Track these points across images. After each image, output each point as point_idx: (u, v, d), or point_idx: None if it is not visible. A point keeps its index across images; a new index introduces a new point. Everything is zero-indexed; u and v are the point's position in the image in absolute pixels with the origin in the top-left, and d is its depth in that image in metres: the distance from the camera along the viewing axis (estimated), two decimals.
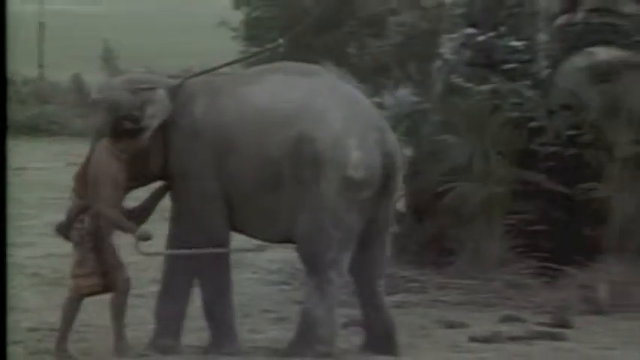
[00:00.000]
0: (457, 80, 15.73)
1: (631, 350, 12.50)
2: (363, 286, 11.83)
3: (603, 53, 15.48)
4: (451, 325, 12.95)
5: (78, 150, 13.89)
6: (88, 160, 11.65)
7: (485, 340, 12.32)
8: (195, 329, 11.79)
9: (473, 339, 12.26)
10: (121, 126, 11.69)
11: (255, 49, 32.97)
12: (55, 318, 12.20)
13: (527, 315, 13.67)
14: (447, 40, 16.89)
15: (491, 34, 16.20)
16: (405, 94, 16.67)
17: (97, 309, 11.91)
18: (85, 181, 11.57)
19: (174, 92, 12.07)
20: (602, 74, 15.36)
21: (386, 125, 12.18)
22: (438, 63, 16.65)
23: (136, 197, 11.76)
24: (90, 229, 11.52)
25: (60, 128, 34.23)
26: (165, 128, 11.83)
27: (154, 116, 11.78)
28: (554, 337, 12.64)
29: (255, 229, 12.13)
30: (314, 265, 11.83)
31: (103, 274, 11.47)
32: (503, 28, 16.31)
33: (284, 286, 13.96)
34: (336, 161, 11.68)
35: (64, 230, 11.68)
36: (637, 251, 14.91)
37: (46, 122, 34.46)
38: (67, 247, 11.75)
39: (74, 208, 11.71)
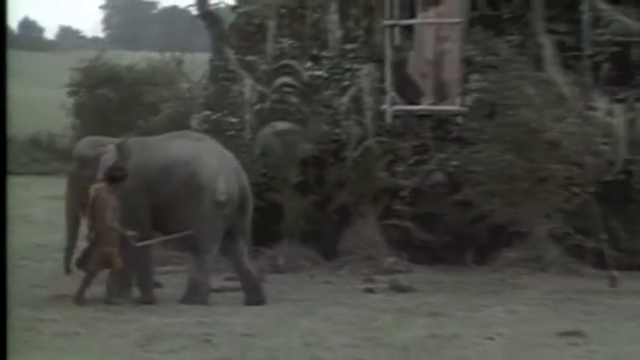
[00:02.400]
0: None
1: (298, 293, 13.22)
2: (234, 264, 12.82)
3: (280, 124, 15.64)
4: None
5: None
6: (95, 197, 12.09)
7: (217, 291, 13.03)
8: None
9: (211, 290, 12.70)
10: (112, 174, 12.20)
11: (78, 122, 33.27)
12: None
13: None
14: (195, 118, 16.88)
15: (219, 114, 16.43)
16: None
17: None
18: (93, 209, 12.10)
19: (119, 147, 12.66)
20: (280, 135, 15.64)
21: (241, 170, 12.92)
22: None
23: None
24: (92, 239, 12.14)
25: None
26: None
27: (106, 161, 12.38)
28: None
29: (165, 228, 12.70)
30: (196, 250, 12.59)
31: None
32: (226, 111, 16.44)
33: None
34: (210, 189, 12.48)
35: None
36: (299, 238, 15.28)
37: None
38: None
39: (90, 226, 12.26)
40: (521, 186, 14.11)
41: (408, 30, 15.51)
